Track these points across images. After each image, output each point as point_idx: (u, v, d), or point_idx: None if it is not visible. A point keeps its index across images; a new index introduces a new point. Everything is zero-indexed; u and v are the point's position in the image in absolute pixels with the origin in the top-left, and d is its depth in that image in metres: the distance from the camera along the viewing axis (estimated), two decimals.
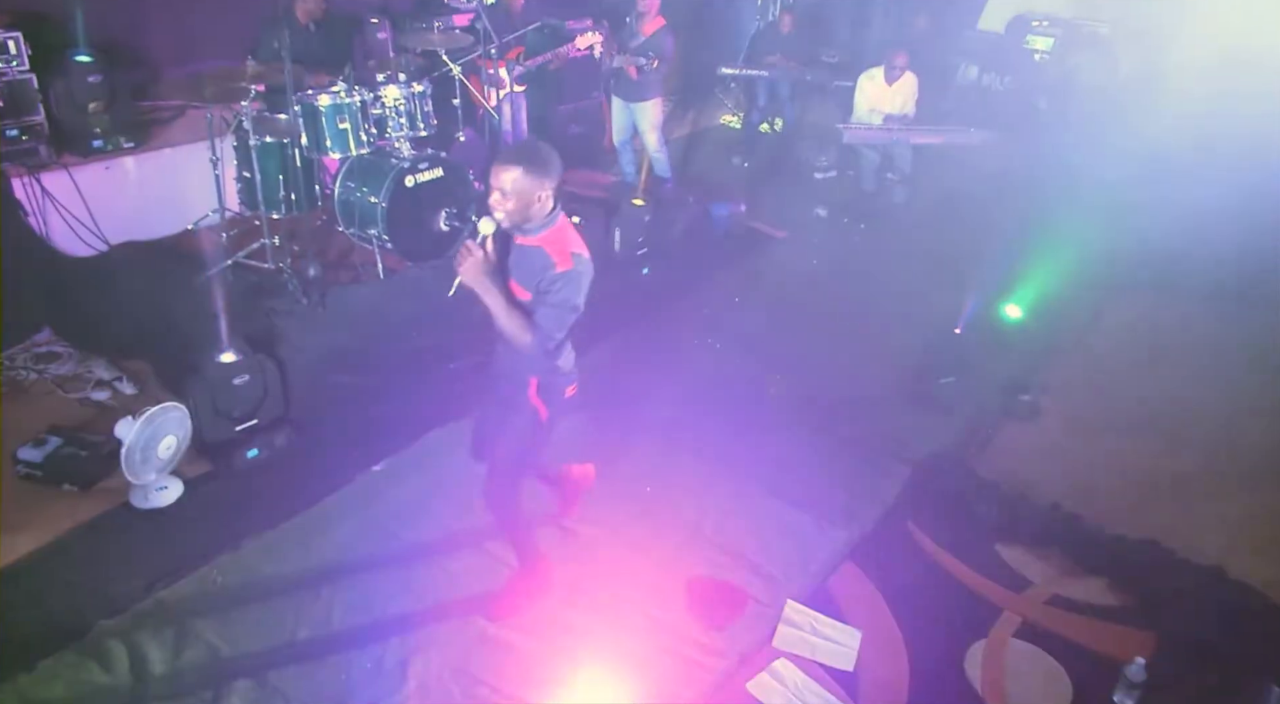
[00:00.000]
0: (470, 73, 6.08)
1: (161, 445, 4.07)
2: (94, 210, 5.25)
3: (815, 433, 4.78)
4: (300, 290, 4.79)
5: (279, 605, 3.56)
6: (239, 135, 5.09)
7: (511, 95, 6.25)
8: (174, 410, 4.08)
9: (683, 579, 3.78)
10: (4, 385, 4.88)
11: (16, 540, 3.85)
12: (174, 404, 4.10)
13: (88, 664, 3.28)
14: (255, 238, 5.29)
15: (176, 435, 4.09)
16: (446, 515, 4.07)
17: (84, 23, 5.51)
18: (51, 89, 5.10)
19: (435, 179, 5.17)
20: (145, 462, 3.98)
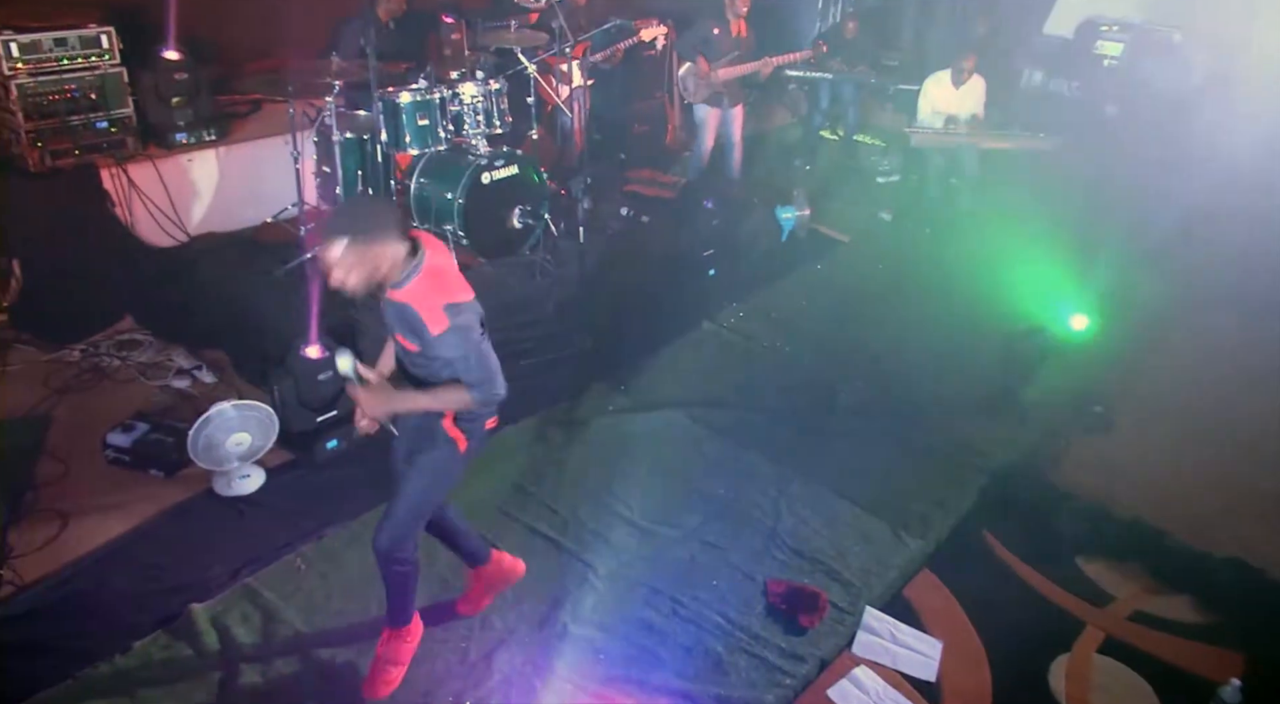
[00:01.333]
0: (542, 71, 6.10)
1: (231, 440, 4.14)
2: (176, 202, 5.35)
3: (885, 438, 4.75)
4: None
5: (364, 595, 3.60)
6: (320, 130, 5.16)
7: (577, 90, 6.27)
8: (252, 410, 4.14)
9: (760, 581, 3.78)
10: (89, 371, 5.01)
11: (108, 523, 3.96)
12: (255, 405, 4.16)
13: (180, 646, 3.36)
14: None
15: (250, 434, 4.15)
16: (526, 511, 4.11)
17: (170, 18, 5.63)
18: (139, 83, 5.20)
19: (510, 176, 5.21)
20: (210, 450, 4.07)
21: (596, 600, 3.65)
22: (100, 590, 3.59)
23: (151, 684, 3.20)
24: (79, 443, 4.44)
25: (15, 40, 4.71)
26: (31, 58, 4.77)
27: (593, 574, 3.77)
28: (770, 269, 6.48)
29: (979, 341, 5.61)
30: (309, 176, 5.41)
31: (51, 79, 4.85)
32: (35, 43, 4.77)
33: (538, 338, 5.18)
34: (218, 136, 5.48)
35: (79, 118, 4.98)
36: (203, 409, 4.58)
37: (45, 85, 4.83)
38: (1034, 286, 6.03)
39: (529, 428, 4.67)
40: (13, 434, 4.47)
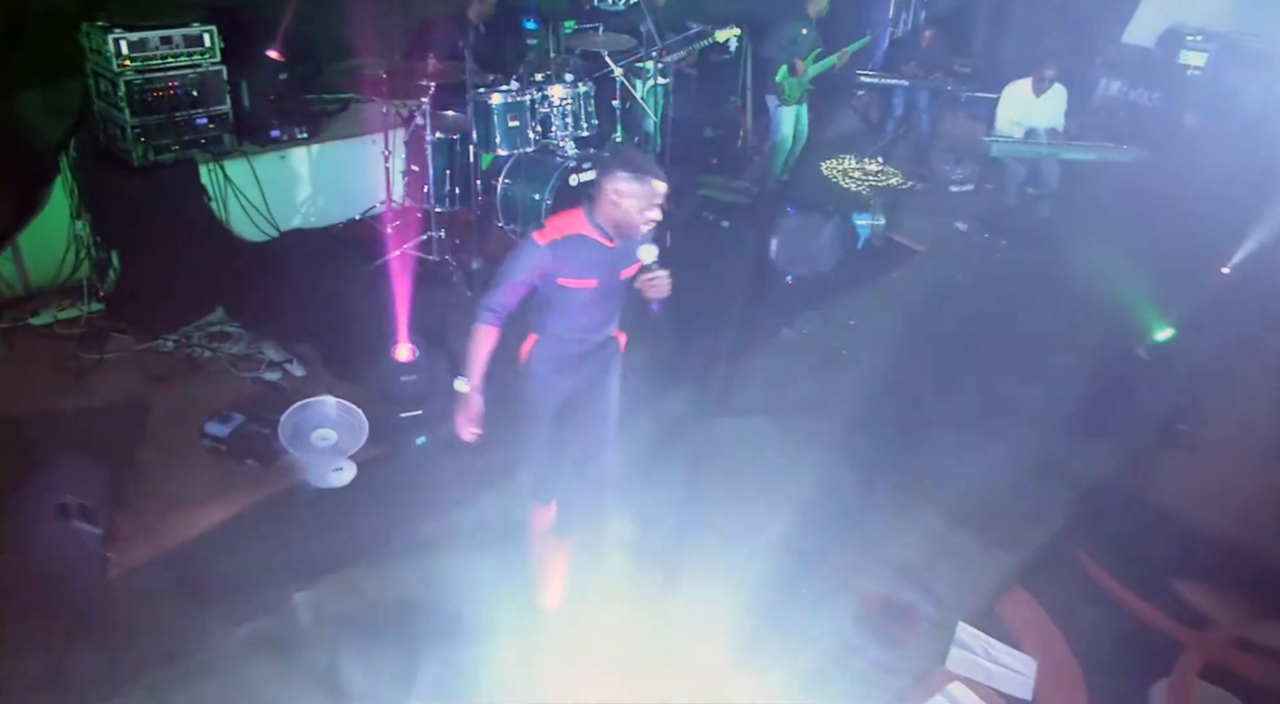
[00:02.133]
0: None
1: (317, 433, 4.22)
2: (268, 197, 5.46)
3: (971, 450, 4.71)
4: (464, 283, 4.90)
5: (459, 590, 3.64)
6: (412, 130, 5.23)
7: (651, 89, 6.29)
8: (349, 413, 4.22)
9: (852, 592, 3.76)
10: (183, 362, 5.14)
11: (208, 510, 4.05)
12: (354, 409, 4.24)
13: (284, 633, 3.43)
14: (417, 229, 5.44)
15: (338, 432, 4.23)
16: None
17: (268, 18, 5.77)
18: (237, 81, 5.31)
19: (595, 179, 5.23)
20: (295, 436, 4.15)
21: (687, 606, 3.65)
22: (204, 575, 3.68)
23: (258, 669, 3.28)
24: (176, 431, 4.55)
25: (125, 38, 4.83)
26: (139, 55, 4.90)
27: (681, 579, 3.78)
28: (847, 277, 6.44)
29: (1063, 355, 5.54)
30: (397, 175, 5.48)
31: (156, 76, 4.97)
32: (143, 41, 4.90)
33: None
34: (309, 135, 5.58)
35: (181, 114, 5.10)
36: (294, 401, 4.69)
37: (151, 82, 4.95)
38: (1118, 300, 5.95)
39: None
40: (114, 421, 4.60)
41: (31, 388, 4.85)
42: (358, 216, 5.75)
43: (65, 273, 5.75)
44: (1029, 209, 7.53)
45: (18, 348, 5.17)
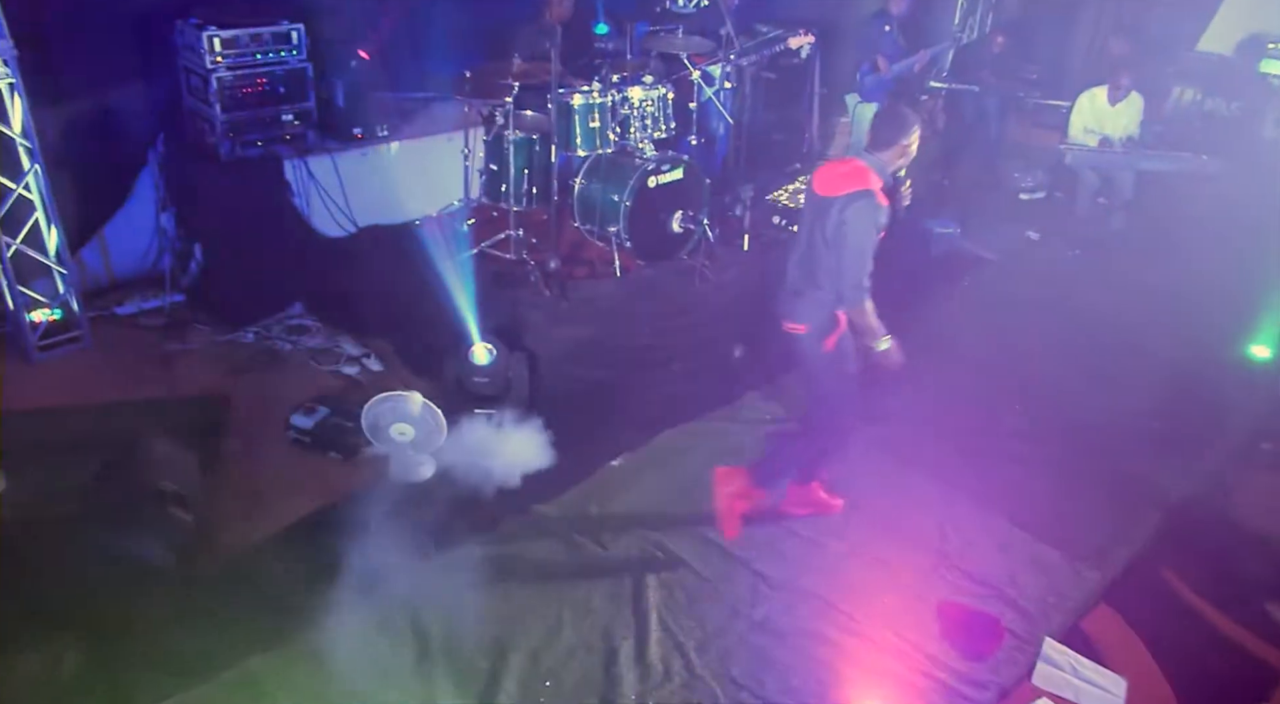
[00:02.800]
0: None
1: (394, 427, 4.27)
2: (348, 193, 5.53)
3: (1050, 463, 4.63)
4: (542, 282, 4.93)
5: (541, 589, 3.69)
6: (490, 129, 5.28)
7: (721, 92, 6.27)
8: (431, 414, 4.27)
9: (933, 603, 3.73)
10: (263, 354, 5.23)
11: (294, 501, 4.12)
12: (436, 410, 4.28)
13: (373, 625, 3.47)
14: (493, 228, 5.48)
15: (416, 429, 4.27)
16: (687, 516, 4.13)
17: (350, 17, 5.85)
18: (332, 79, 5.40)
19: (675, 181, 5.25)
20: (374, 426, 4.20)
21: (770, 611, 3.65)
22: (294, 565, 3.74)
23: (347, 657, 3.32)
24: (259, 422, 4.64)
25: (218, 36, 4.94)
26: (230, 52, 5.00)
27: (764, 584, 3.77)
28: (917, 285, 6.37)
29: (1143, 369, 5.43)
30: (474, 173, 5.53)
31: (246, 73, 5.07)
32: (234, 38, 4.99)
33: (691, 343, 5.20)
34: (389, 133, 5.65)
35: (267, 110, 5.19)
36: (372, 396, 4.75)
37: (241, 79, 5.05)
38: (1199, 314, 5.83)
39: (687, 433, 4.70)
40: (200, 410, 4.70)
41: (120, 376, 4.97)
42: (434, 214, 5.81)
43: (148, 264, 5.90)
44: (1102, 219, 7.40)
45: (104, 337, 5.30)
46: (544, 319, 4.80)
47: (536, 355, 4.52)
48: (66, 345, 5.16)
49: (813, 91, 8.30)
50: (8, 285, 4.96)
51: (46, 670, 3.22)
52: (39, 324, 5.08)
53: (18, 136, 4.75)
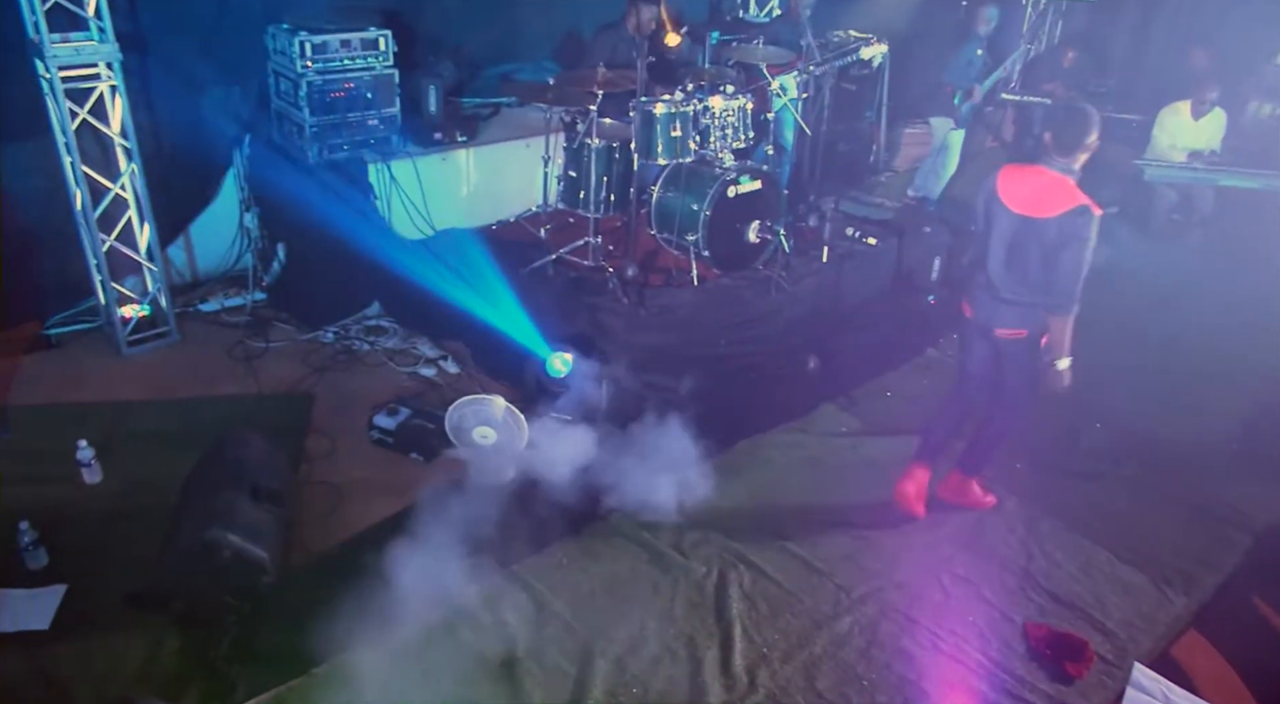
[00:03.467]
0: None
1: (477, 431, 4.32)
2: (427, 197, 5.61)
3: (1132, 484, 4.57)
4: (620, 289, 4.96)
5: (623, 596, 3.71)
6: (571, 136, 5.32)
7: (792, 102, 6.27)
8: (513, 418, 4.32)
9: (1018, 622, 3.69)
10: (342, 353, 5.32)
11: (377, 501, 4.19)
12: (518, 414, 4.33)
13: (462, 627, 3.52)
14: (570, 234, 5.53)
15: (498, 432, 4.32)
16: (766, 526, 4.13)
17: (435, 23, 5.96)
18: (426, 85, 5.49)
19: (753, 191, 5.26)
20: (458, 428, 4.25)
21: (853, 624, 3.63)
22: (378, 564, 3.78)
23: (436, 658, 3.37)
24: (341, 421, 4.73)
25: (309, 41, 5.04)
26: (320, 58, 5.10)
27: (846, 597, 3.76)
28: None
29: (1223, 390, 5.34)
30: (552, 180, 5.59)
31: (335, 78, 5.17)
32: (325, 43, 5.09)
33: (766, 353, 5.21)
34: (468, 138, 5.72)
35: (354, 115, 5.29)
36: (449, 398, 4.82)
37: (330, 83, 5.15)
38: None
39: (762, 443, 4.70)
40: (284, 407, 4.80)
41: (205, 372, 5.09)
42: (511, 219, 5.87)
43: (229, 263, 6.04)
44: (1178, 236, 7.27)
45: (190, 333, 5.44)
46: (622, 326, 4.82)
47: (614, 362, 4.54)
48: (154, 341, 5.30)
49: (881, 102, 8.26)
50: (102, 281, 5.11)
51: (147, 657, 3.31)
52: (129, 319, 5.22)
53: (117, 137, 4.90)
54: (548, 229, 5.57)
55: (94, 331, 5.39)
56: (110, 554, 3.79)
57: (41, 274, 5.27)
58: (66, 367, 5.08)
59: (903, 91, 8.09)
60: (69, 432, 4.39)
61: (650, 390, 4.68)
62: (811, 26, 5.74)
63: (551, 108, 5.26)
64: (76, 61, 4.59)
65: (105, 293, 5.13)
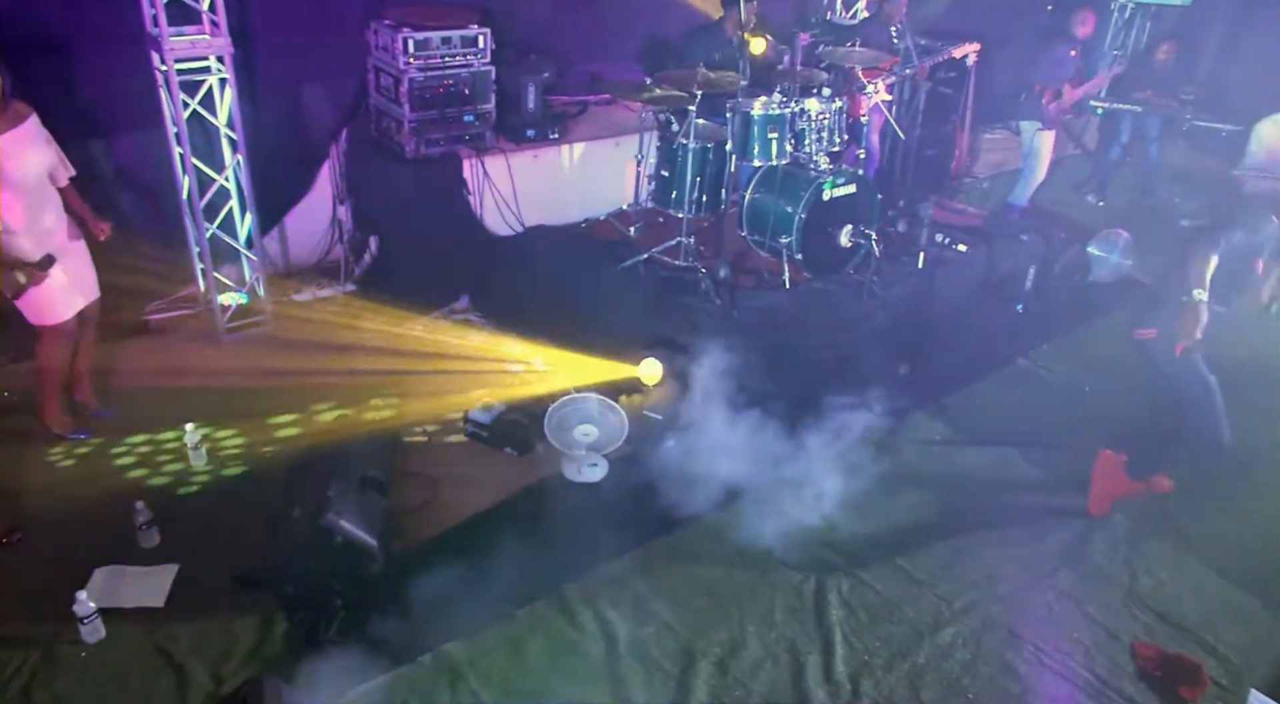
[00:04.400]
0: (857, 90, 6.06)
1: (579, 429, 4.33)
2: (518, 193, 5.65)
3: (1233, 503, 4.44)
4: (712, 290, 4.95)
5: (721, 598, 3.70)
6: (665, 135, 5.33)
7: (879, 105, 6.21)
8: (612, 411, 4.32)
9: (1126, 641, 3.60)
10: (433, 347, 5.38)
11: (472, 493, 4.22)
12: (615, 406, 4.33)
13: (559, 619, 3.55)
14: (659, 233, 5.53)
15: (599, 429, 4.33)
16: (863, 532, 4.08)
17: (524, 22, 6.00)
18: (522, 82, 5.54)
19: (848, 194, 5.21)
20: (559, 429, 4.26)
21: (955, 636, 3.58)
22: (478, 555, 3.83)
23: (538, 649, 3.41)
24: (433, 414, 4.77)
25: (412, 38, 5.10)
26: (422, 54, 5.16)
27: (947, 609, 3.71)
28: (1079, 309, 6.20)
29: None
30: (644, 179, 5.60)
31: (435, 74, 5.23)
32: (426, 40, 5.16)
33: (856, 359, 5.15)
34: (560, 135, 5.75)
35: (451, 111, 5.35)
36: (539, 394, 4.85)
37: (430, 80, 5.22)
38: None
39: (856, 449, 4.65)
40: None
41: (302, 361, 5.18)
42: (601, 217, 5.89)
43: (319, 254, 6.14)
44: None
45: (285, 322, 5.54)
46: (714, 327, 4.81)
47: (705, 362, 4.52)
48: (250, 329, 5.41)
49: (966, 106, 8.15)
50: (204, 269, 5.23)
51: (258, 638, 3.38)
52: (227, 307, 5.34)
53: (224, 128, 5.01)
54: (637, 228, 5.58)
55: (190, 319, 5.52)
56: (216, 536, 3.86)
57: (142, 261, 5.40)
58: (167, 352, 5.21)
59: (984, 96, 7.98)
60: (172, 415, 4.52)
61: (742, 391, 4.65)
62: (910, 31, 5.67)
63: (649, 107, 5.26)
64: (191, 54, 4.71)
65: (207, 281, 5.25)
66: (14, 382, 4.73)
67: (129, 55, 4.82)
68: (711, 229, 5.69)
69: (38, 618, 3.40)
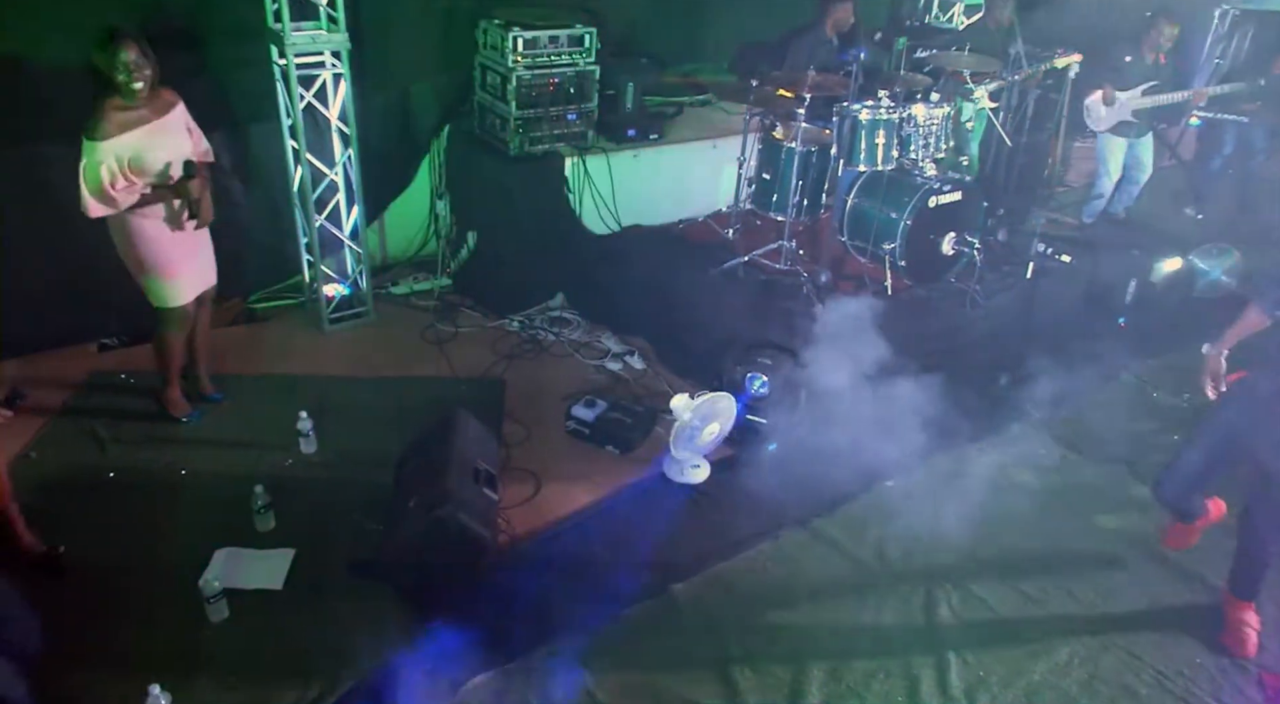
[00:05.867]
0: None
1: (706, 431, 4.31)
2: (616, 193, 5.67)
3: None
4: (814, 296, 4.91)
5: (829, 606, 3.67)
6: (767, 138, 5.30)
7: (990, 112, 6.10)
8: (725, 401, 4.31)
9: (1253, 671, 3.49)
10: (529, 342, 5.42)
11: (574, 491, 4.25)
12: (726, 395, 4.32)
13: (668, 620, 3.55)
14: (756, 236, 5.51)
15: (720, 424, 4.32)
16: (967, 545, 4.02)
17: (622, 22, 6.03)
18: (623, 82, 5.57)
19: (954, 202, 5.14)
20: (690, 439, 4.25)
21: (1072, 655, 3.50)
22: (582, 554, 3.85)
23: (650, 650, 3.41)
24: (533, 409, 4.82)
25: (521, 36, 5.15)
26: (530, 53, 5.21)
27: (1061, 626, 3.63)
28: (1182, 324, 6.02)
29: None
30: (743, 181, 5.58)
31: (542, 73, 5.27)
32: (535, 39, 5.20)
33: (955, 369, 5.07)
34: (659, 136, 5.76)
35: (556, 109, 5.38)
36: (637, 392, 4.87)
37: (537, 78, 5.26)
38: None
39: (956, 459, 4.58)
40: (479, 392, 4.92)
41: (401, 352, 5.27)
42: (699, 218, 5.89)
43: (414, 247, 6.24)
44: None
45: (383, 314, 5.63)
46: (817, 332, 4.76)
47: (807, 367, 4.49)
48: (352, 319, 5.51)
49: (1061, 114, 7.98)
50: (312, 260, 5.34)
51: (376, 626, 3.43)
52: (331, 298, 5.44)
53: (336, 122, 5.11)
54: (735, 230, 5.56)
55: (294, 308, 5.65)
56: (328, 522, 3.94)
57: (248, 250, 5.53)
58: (273, 340, 5.34)
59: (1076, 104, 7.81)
60: (280, 401, 4.63)
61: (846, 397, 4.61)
62: (977, 35, 5.57)
63: (754, 109, 5.24)
64: (311, 49, 4.81)
65: (315, 272, 5.36)
66: (133, 363, 4.88)
67: (247, 49, 4.94)
68: (807, 233, 5.66)
69: (161, 597, 3.50)
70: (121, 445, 4.33)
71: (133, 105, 3.80)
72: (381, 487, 4.00)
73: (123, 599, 3.47)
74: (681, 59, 6.90)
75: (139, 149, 3.81)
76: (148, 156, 3.84)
